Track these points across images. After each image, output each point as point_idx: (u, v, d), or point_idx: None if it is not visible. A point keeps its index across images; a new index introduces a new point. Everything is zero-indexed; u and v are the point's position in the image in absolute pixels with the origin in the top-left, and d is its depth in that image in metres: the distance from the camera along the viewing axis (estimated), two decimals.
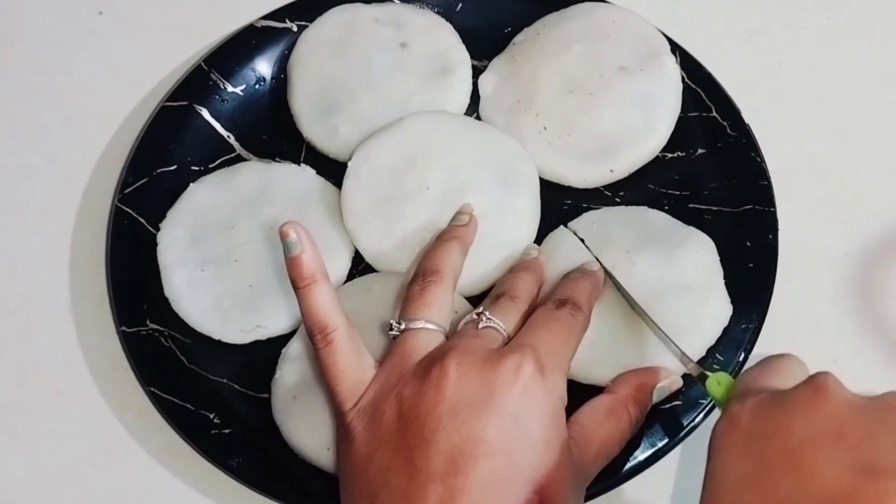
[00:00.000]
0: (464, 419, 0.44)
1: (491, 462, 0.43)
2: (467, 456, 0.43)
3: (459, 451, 0.43)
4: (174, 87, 0.64)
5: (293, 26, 0.66)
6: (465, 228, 0.55)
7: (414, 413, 0.45)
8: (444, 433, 0.44)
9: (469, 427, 0.44)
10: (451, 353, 0.46)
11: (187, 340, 0.57)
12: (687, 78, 0.62)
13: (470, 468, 0.43)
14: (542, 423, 0.45)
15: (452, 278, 0.52)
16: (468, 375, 0.45)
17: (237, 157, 0.63)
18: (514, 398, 0.45)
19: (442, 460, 0.43)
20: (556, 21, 0.64)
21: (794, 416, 0.39)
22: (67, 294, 0.61)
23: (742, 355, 0.53)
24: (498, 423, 0.44)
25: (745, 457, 0.40)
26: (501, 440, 0.43)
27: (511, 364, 0.46)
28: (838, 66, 0.68)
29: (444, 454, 0.43)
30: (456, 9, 0.67)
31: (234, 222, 0.59)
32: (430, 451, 0.43)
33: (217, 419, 0.54)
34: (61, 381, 0.58)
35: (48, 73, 0.69)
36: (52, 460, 0.56)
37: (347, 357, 0.49)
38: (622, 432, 0.49)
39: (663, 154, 0.61)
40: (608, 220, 0.58)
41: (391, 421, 0.46)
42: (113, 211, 0.60)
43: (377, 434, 0.46)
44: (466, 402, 0.44)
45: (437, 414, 0.44)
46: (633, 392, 0.50)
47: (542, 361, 0.46)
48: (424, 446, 0.44)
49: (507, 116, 0.61)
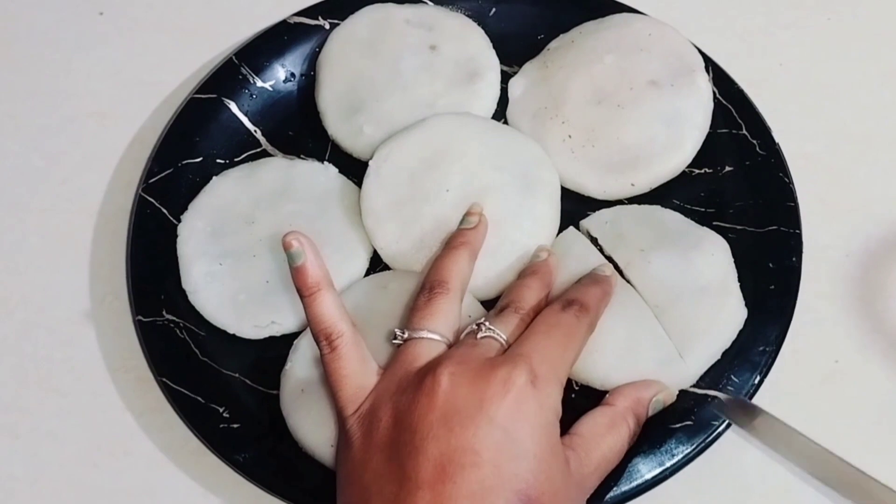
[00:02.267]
0: (453, 428, 0.44)
1: (478, 471, 0.43)
2: (455, 464, 0.43)
3: (448, 459, 0.43)
4: (204, 79, 0.64)
5: (325, 24, 0.66)
6: (473, 232, 0.55)
7: (407, 421, 0.45)
8: (434, 441, 0.44)
9: (458, 436, 0.44)
10: (445, 363, 0.46)
11: (202, 333, 0.57)
12: (718, 94, 0.61)
13: (457, 477, 0.42)
14: (533, 436, 0.44)
15: (460, 288, 0.52)
16: (460, 385, 0.45)
17: (262, 153, 0.63)
18: (503, 409, 0.44)
19: (431, 468, 0.43)
20: (592, 30, 0.64)
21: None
22: (68, 294, 0.61)
23: (757, 378, 0.53)
24: (487, 434, 0.44)
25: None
26: (489, 450, 0.43)
27: (502, 374, 0.45)
28: (838, 66, 0.67)
29: (432, 462, 0.43)
30: (489, 13, 0.67)
31: (255, 217, 0.59)
32: (419, 459, 0.43)
33: (226, 413, 0.54)
34: (61, 381, 0.58)
35: (48, 73, 0.70)
36: (52, 460, 0.56)
37: (351, 363, 0.49)
38: (622, 444, 0.49)
39: (690, 170, 0.60)
40: (621, 218, 0.58)
41: (387, 428, 0.46)
42: (136, 200, 0.60)
43: (373, 441, 0.46)
44: (457, 410, 0.44)
45: (427, 422, 0.44)
46: (631, 405, 0.51)
47: (535, 372, 0.46)
48: (415, 454, 0.44)
49: (533, 122, 0.61)
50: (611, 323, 0.53)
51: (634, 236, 0.56)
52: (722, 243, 0.56)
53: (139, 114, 0.67)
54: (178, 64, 0.69)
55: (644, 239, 0.56)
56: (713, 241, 0.56)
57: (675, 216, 0.58)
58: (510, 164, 0.58)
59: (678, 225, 0.57)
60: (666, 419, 0.52)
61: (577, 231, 0.58)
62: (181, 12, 0.72)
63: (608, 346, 0.53)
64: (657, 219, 0.57)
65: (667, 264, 0.55)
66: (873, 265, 0.59)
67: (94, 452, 0.56)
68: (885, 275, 0.59)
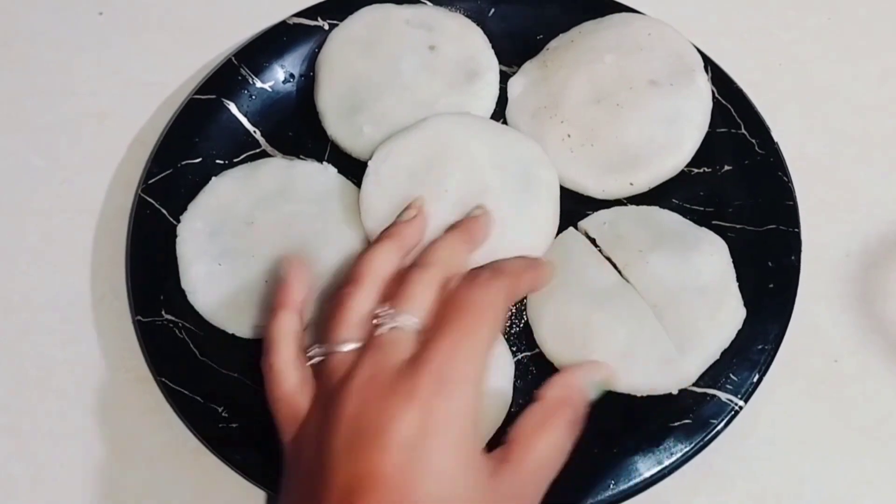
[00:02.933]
0: (358, 452, 0.42)
1: (383, 497, 0.41)
2: (360, 491, 0.41)
3: (353, 486, 0.41)
4: (203, 80, 0.64)
5: (325, 24, 0.66)
6: (405, 225, 0.53)
7: (320, 447, 0.44)
8: (341, 467, 0.42)
9: (362, 460, 0.42)
10: (349, 382, 0.45)
11: (201, 333, 0.57)
12: (717, 93, 0.61)
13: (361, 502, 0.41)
14: (444, 451, 0.42)
15: (372, 285, 0.49)
16: (367, 402, 0.43)
17: (262, 153, 0.63)
18: (408, 426, 0.42)
19: (337, 496, 0.41)
20: (592, 29, 0.64)
21: None
22: (68, 294, 0.61)
23: (756, 376, 0.53)
24: (391, 455, 0.42)
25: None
26: (395, 473, 0.41)
27: (407, 387, 0.43)
28: (838, 66, 0.67)
29: (339, 489, 0.41)
30: (488, 13, 0.67)
31: (254, 218, 0.59)
32: (329, 487, 0.42)
33: (225, 413, 0.54)
34: (61, 381, 0.58)
35: (48, 73, 0.70)
36: (52, 460, 0.56)
37: (285, 385, 0.48)
38: (560, 441, 0.46)
39: (689, 169, 0.60)
40: (619, 219, 0.58)
41: (308, 458, 0.45)
42: (136, 201, 0.60)
43: (299, 470, 0.45)
44: (360, 433, 0.43)
45: (334, 449, 0.43)
46: (562, 394, 0.48)
47: (442, 378, 0.43)
48: (324, 483, 0.42)
49: (533, 121, 0.61)
50: (610, 323, 0.53)
51: (633, 237, 0.56)
52: (720, 243, 0.56)
53: (139, 114, 0.67)
54: (177, 64, 0.69)
55: (642, 240, 0.56)
56: (712, 242, 0.56)
57: (674, 217, 0.58)
58: (509, 164, 0.58)
59: (676, 225, 0.57)
60: (665, 418, 0.52)
61: (576, 231, 0.58)
62: (181, 12, 0.72)
63: (608, 347, 0.53)
64: (655, 219, 0.58)
65: (665, 265, 0.55)
66: (873, 265, 0.59)
67: (94, 452, 0.56)
68: (885, 275, 0.59)
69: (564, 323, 0.54)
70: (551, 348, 0.55)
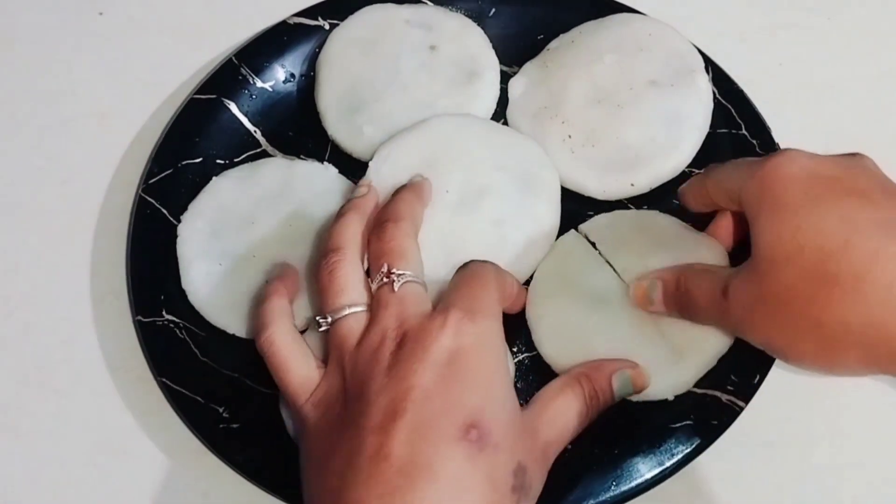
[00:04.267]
0: (399, 374, 0.45)
1: (426, 404, 0.44)
2: (402, 403, 0.44)
3: (396, 402, 0.44)
4: (204, 80, 0.64)
5: (325, 24, 0.66)
6: (362, 199, 0.55)
7: (358, 391, 0.46)
8: (384, 392, 0.44)
9: (404, 379, 0.44)
10: (382, 326, 0.47)
11: (202, 333, 0.57)
12: (718, 94, 0.61)
13: (405, 413, 0.43)
14: (480, 365, 0.45)
15: (354, 250, 0.52)
16: (399, 347, 0.46)
17: (262, 153, 0.63)
18: (445, 345, 0.45)
19: (381, 414, 0.44)
20: (592, 30, 0.64)
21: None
22: (68, 294, 0.61)
23: (757, 377, 0.53)
24: (433, 370, 0.44)
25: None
26: (435, 383, 0.44)
27: (439, 320, 0.46)
28: (838, 66, 0.67)
29: (382, 409, 0.44)
30: (489, 13, 0.67)
31: (255, 218, 0.59)
32: (370, 412, 0.44)
33: (226, 413, 0.54)
34: (61, 381, 0.58)
35: (48, 73, 0.70)
36: (52, 460, 0.56)
37: (292, 358, 0.50)
38: (575, 407, 0.49)
39: (690, 169, 0.60)
40: (619, 223, 0.58)
41: (342, 404, 0.46)
42: (136, 201, 0.60)
43: (331, 419, 0.46)
44: (401, 361, 0.45)
45: (376, 381, 0.45)
46: (587, 371, 0.51)
47: (470, 310, 0.47)
48: (366, 410, 0.44)
49: (533, 122, 0.61)
50: (608, 327, 0.53)
51: (632, 241, 0.56)
52: (720, 248, 0.55)
53: (139, 114, 0.67)
54: (178, 64, 0.69)
55: (642, 244, 0.56)
56: (710, 247, 0.55)
57: (673, 221, 0.57)
58: (510, 165, 0.58)
59: (676, 230, 0.57)
60: (666, 419, 0.52)
61: (577, 234, 0.58)
62: (181, 12, 0.72)
63: (605, 351, 0.53)
64: (655, 224, 0.57)
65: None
66: None
67: (94, 452, 0.56)
68: None
69: (562, 325, 0.54)
70: (548, 350, 0.54)
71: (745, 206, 0.48)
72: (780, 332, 0.46)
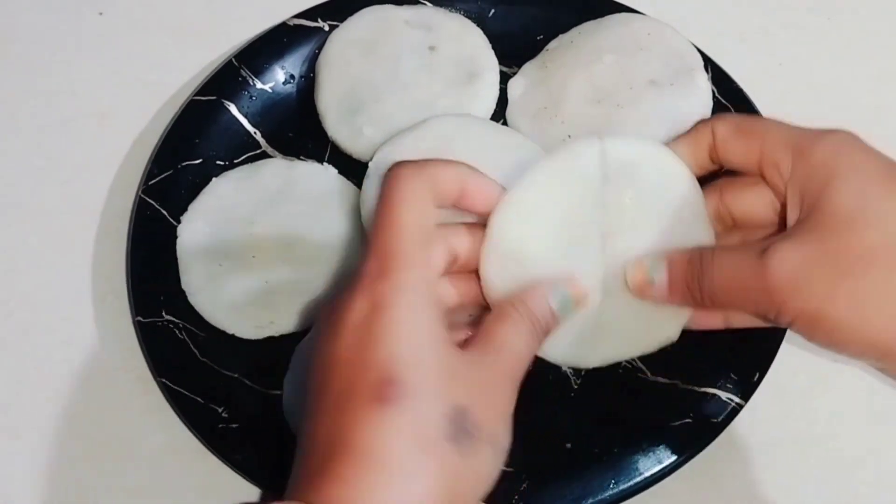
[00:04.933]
0: (320, 350, 0.42)
1: (343, 375, 0.40)
2: (324, 380, 0.41)
3: (320, 382, 0.41)
4: (204, 81, 0.64)
5: (325, 25, 0.66)
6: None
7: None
8: (313, 373, 0.42)
9: (325, 354, 0.42)
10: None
11: (201, 333, 0.57)
12: (717, 93, 0.61)
13: (326, 390, 0.40)
14: (393, 315, 0.40)
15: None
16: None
17: (262, 154, 0.63)
18: (358, 307, 0.41)
19: (312, 396, 0.41)
20: (592, 30, 0.64)
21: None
22: (68, 294, 0.61)
23: (757, 375, 0.53)
24: (347, 338, 0.41)
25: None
26: (349, 349, 0.41)
27: (352, 285, 0.42)
28: (838, 66, 0.67)
29: (314, 390, 0.41)
30: (488, 14, 0.67)
31: (255, 219, 0.59)
32: (308, 398, 0.42)
33: (225, 413, 0.54)
34: (61, 381, 0.58)
35: (48, 73, 0.70)
36: (52, 460, 0.56)
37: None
38: (520, 324, 0.43)
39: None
40: (646, 173, 0.48)
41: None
42: (136, 202, 0.60)
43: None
44: (322, 334, 0.43)
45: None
46: (520, 295, 0.45)
47: (378, 269, 0.42)
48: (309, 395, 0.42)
49: (533, 122, 0.61)
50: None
51: (642, 205, 0.48)
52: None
53: (140, 115, 0.67)
54: (178, 65, 0.69)
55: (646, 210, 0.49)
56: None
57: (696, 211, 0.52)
58: (510, 165, 0.58)
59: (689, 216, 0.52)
60: (665, 416, 0.52)
61: (595, 150, 0.47)
62: (181, 13, 0.72)
63: None
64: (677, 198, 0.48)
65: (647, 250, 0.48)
66: None
67: (94, 452, 0.56)
68: None
69: (521, 250, 0.46)
70: (490, 272, 0.46)
71: (802, 165, 0.45)
72: (848, 297, 0.41)
